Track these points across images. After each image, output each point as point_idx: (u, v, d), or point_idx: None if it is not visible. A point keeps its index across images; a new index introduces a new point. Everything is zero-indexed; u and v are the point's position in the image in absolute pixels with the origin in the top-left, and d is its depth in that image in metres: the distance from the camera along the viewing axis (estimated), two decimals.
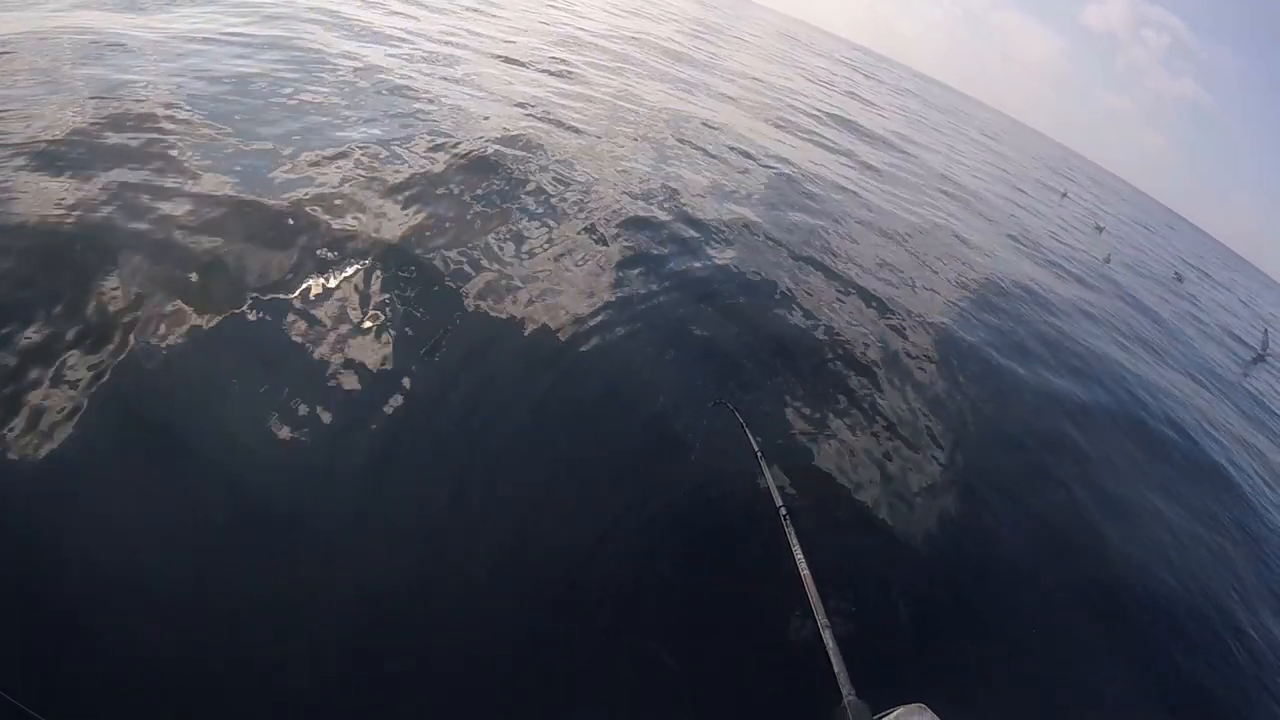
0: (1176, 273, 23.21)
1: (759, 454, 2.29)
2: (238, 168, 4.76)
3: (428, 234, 4.78)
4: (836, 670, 1.57)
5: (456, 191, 5.59)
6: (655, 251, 5.89)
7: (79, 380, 2.93)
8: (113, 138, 4.68)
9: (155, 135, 4.89)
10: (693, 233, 6.53)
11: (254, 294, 3.65)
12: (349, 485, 2.91)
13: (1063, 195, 30.58)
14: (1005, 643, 3.46)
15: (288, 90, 6.56)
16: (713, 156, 9.68)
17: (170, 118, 5.18)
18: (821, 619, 1.71)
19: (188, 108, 5.43)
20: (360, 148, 5.72)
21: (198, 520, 2.62)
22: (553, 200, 6.07)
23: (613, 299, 4.85)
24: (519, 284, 4.58)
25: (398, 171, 5.52)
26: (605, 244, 5.68)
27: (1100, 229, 24.07)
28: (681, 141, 9.87)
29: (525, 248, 5.11)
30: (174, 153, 4.72)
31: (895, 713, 1.68)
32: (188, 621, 2.32)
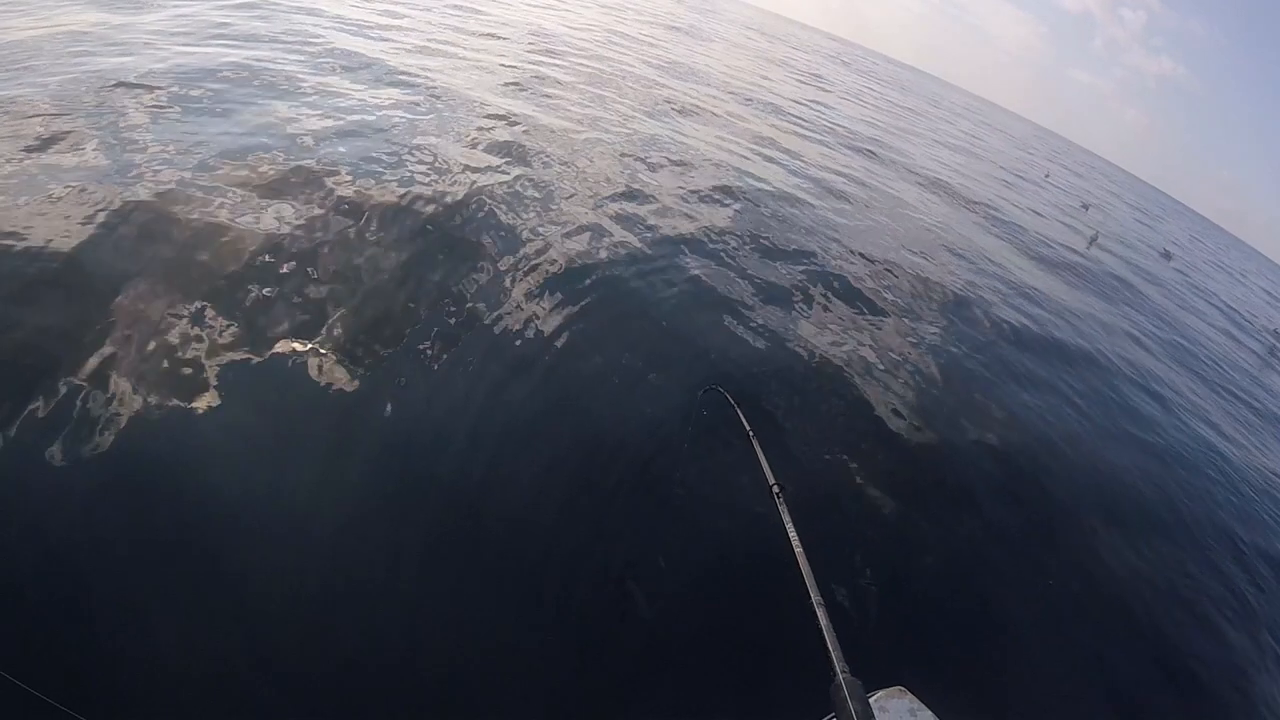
0: (1165, 250, 23.25)
1: (750, 433, 2.26)
2: (238, 144, 4.95)
3: (421, 205, 4.92)
4: (830, 647, 1.54)
5: (454, 165, 5.80)
6: (642, 221, 6.08)
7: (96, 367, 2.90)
8: (111, 127, 4.78)
9: (156, 121, 5.04)
10: (677, 205, 6.72)
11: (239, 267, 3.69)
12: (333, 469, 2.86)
13: (1045, 176, 30.66)
14: (993, 621, 3.43)
15: (285, 77, 6.79)
16: (692, 140, 9.75)
17: (163, 105, 5.35)
18: (815, 596, 1.67)
19: (178, 97, 5.58)
20: (355, 127, 5.96)
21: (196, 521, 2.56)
22: (545, 173, 6.35)
23: (608, 260, 5.11)
24: (511, 255, 4.71)
25: (385, 150, 5.68)
26: (597, 208, 5.92)
27: (1086, 206, 24.18)
28: (662, 122, 9.98)
29: (518, 220, 5.26)
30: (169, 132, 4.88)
31: (876, 695, 1.67)
32: (193, 623, 2.27)
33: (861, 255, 7.45)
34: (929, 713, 1.68)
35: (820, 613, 1.64)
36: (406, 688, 2.26)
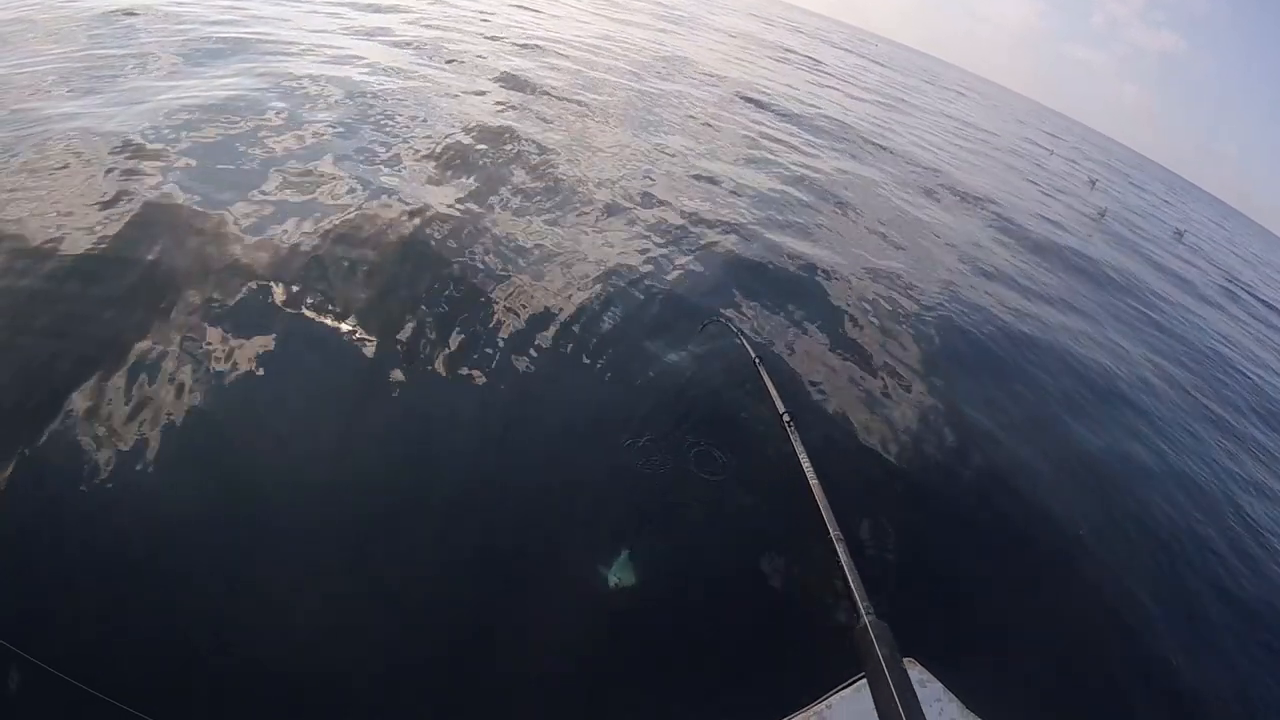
0: (1177, 229, 22.50)
1: (757, 359, 2.04)
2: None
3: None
4: (853, 586, 1.32)
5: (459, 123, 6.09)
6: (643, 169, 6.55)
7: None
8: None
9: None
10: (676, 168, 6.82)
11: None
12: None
13: (1050, 153, 30.10)
14: (1005, 565, 3.20)
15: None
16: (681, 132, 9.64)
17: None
18: (834, 531, 1.46)
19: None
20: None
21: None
22: (548, 135, 6.79)
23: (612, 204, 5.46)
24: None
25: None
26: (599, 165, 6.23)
27: (1093, 182, 23.75)
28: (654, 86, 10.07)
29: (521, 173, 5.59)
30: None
31: None
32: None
33: (862, 199, 7.70)
34: (939, 684, 1.53)
35: (840, 549, 1.43)
36: (415, 686, 2.12)
